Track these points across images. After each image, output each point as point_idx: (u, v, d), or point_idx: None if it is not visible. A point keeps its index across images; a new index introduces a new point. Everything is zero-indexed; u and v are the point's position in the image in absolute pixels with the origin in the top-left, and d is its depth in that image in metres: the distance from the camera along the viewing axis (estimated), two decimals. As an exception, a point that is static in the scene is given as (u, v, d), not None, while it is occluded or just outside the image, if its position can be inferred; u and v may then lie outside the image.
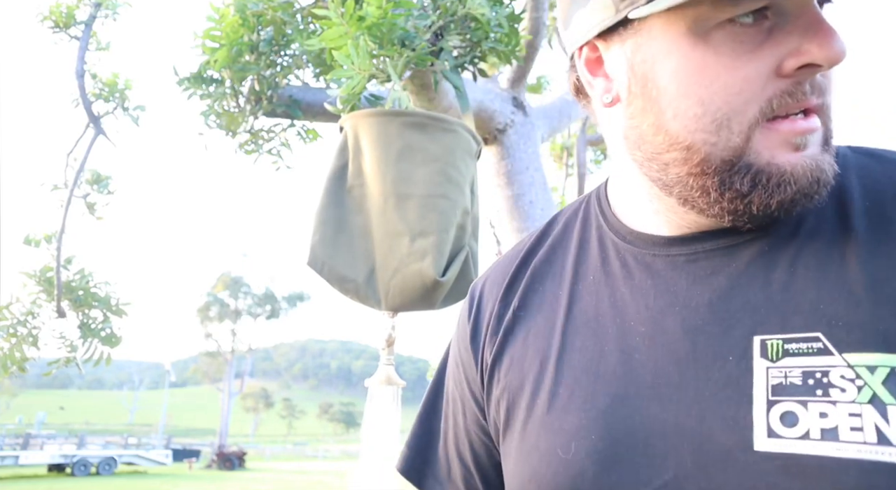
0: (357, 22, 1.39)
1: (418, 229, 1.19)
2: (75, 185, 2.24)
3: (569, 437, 0.57)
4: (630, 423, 0.54)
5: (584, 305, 0.63)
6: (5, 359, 2.01)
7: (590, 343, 0.60)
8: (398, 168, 1.21)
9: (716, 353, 0.52)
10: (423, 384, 14.14)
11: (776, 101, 0.50)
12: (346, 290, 1.22)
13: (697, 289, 0.56)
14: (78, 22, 2.17)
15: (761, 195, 0.52)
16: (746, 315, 0.52)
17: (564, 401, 0.59)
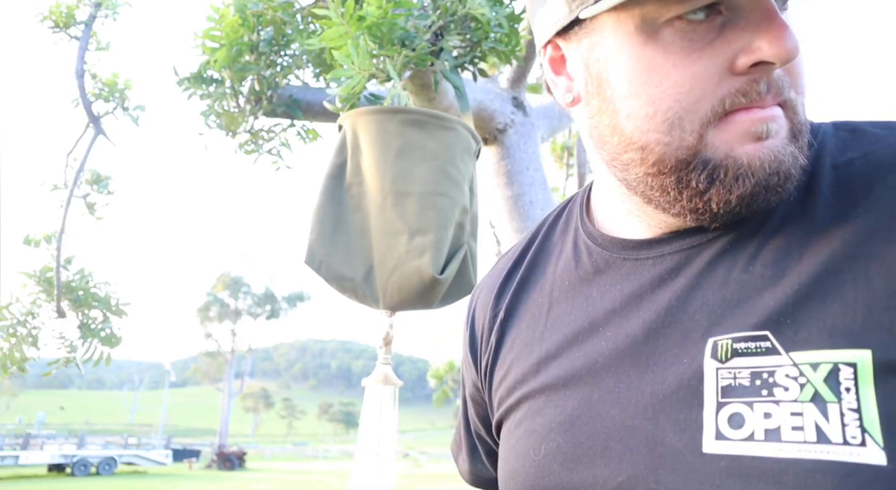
0: (357, 22, 1.39)
1: (417, 227, 1.19)
2: (75, 185, 2.24)
3: (539, 439, 0.59)
4: (592, 426, 0.55)
5: (560, 311, 0.64)
6: (5, 359, 2.01)
7: (563, 348, 0.61)
8: (397, 166, 1.21)
9: (672, 356, 0.53)
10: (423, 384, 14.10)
11: (729, 100, 0.49)
12: (343, 289, 1.22)
13: (660, 291, 0.56)
14: (78, 22, 2.17)
15: (720, 191, 0.51)
16: (702, 316, 0.53)
17: (540, 405, 0.61)
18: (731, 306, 0.51)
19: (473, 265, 1.30)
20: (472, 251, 1.30)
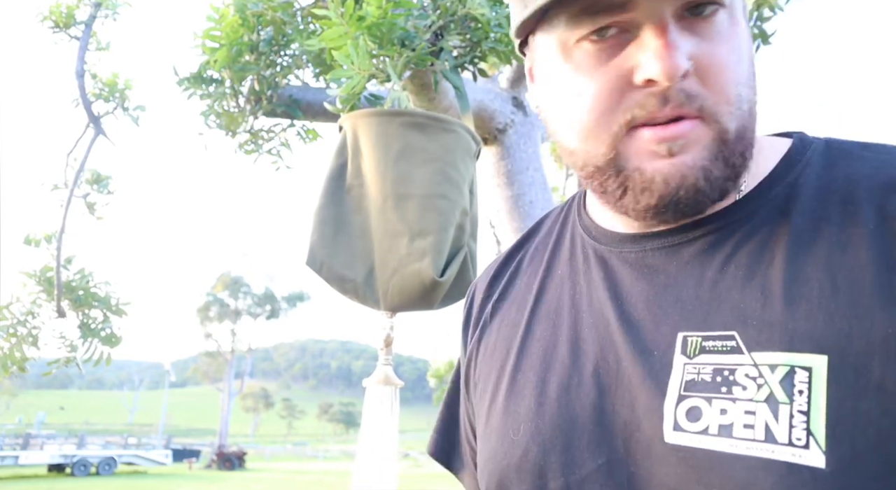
0: (357, 22, 1.39)
1: (417, 229, 1.19)
2: (75, 185, 2.24)
3: (520, 419, 0.61)
4: (572, 409, 0.58)
5: (549, 297, 0.67)
6: (5, 359, 2.01)
7: (548, 333, 0.64)
8: (397, 168, 1.21)
9: (646, 347, 0.55)
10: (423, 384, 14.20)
11: (630, 113, 0.52)
12: (344, 290, 1.22)
13: (639, 284, 0.59)
14: (78, 22, 2.17)
15: (630, 200, 0.55)
16: (675, 312, 0.55)
17: (521, 386, 0.63)
18: (704, 304, 0.54)
19: (473, 266, 1.30)
20: (473, 252, 1.30)
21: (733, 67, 0.52)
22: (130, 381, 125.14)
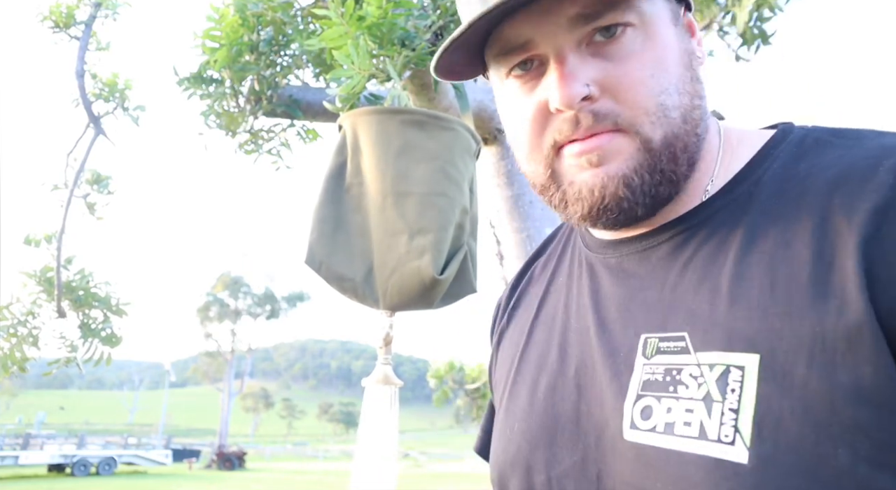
0: (357, 22, 1.39)
1: (417, 227, 1.19)
2: (75, 185, 2.24)
3: (515, 418, 0.66)
4: (556, 409, 0.61)
5: (550, 304, 0.71)
6: (6, 359, 2.01)
7: (544, 337, 0.68)
8: (397, 166, 1.21)
9: (615, 349, 0.58)
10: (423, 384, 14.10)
11: (552, 137, 0.58)
12: (343, 289, 1.22)
13: (615, 289, 0.62)
14: (78, 22, 2.17)
15: (570, 210, 0.59)
16: (640, 314, 0.58)
17: (518, 388, 0.68)
18: (664, 307, 0.56)
19: (473, 266, 1.30)
20: (472, 251, 1.30)
21: (647, 81, 0.55)
22: (130, 381, 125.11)
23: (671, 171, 0.56)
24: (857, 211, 0.49)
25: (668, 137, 0.55)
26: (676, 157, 0.56)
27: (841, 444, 0.43)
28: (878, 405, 0.43)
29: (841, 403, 0.44)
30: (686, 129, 0.56)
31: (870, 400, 0.44)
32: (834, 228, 0.49)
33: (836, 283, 0.47)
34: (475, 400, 5.30)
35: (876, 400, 0.43)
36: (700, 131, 0.58)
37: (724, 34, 2.38)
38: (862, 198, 0.49)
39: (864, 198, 0.49)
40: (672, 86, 0.56)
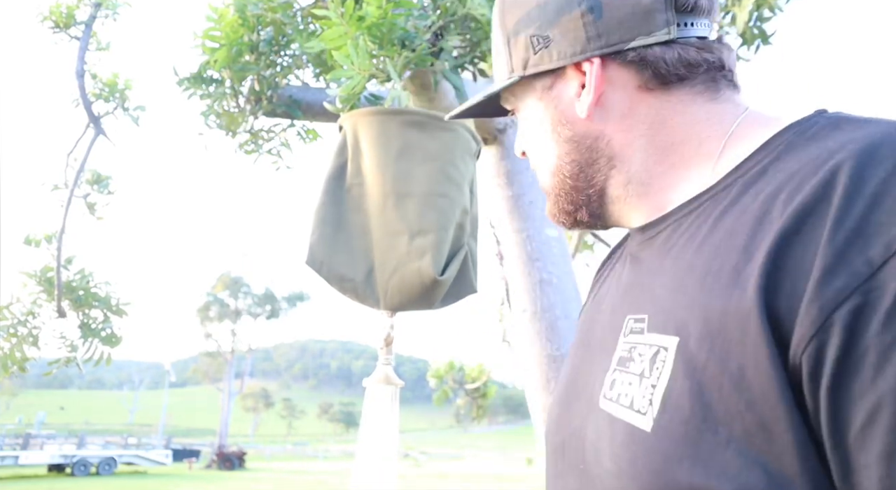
0: (357, 22, 1.39)
1: (417, 228, 1.19)
2: (75, 185, 2.24)
3: (558, 385, 0.77)
4: (576, 376, 0.71)
5: (604, 287, 0.79)
6: (6, 359, 2.01)
7: (591, 314, 0.77)
8: (397, 167, 1.21)
9: (614, 328, 0.66)
10: (423, 384, 14.00)
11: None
12: (344, 290, 1.22)
13: (627, 274, 0.70)
14: (78, 22, 2.17)
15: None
16: (631, 297, 0.66)
17: (567, 359, 0.78)
18: (644, 290, 0.64)
19: (474, 266, 1.30)
20: (473, 252, 1.30)
21: (526, 148, 0.77)
22: (130, 381, 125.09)
23: (574, 202, 0.72)
24: (790, 205, 0.51)
25: (553, 185, 0.74)
26: (569, 194, 0.72)
27: (721, 422, 0.49)
28: (753, 393, 0.48)
29: (727, 389, 0.49)
30: (563, 178, 0.72)
31: (748, 388, 0.48)
32: (770, 221, 0.52)
33: (745, 275, 0.51)
34: (475, 400, 5.30)
35: (752, 388, 0.48)
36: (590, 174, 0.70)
37: (724, 34, 2.39)
38: (799, 191, 0.51)
39: (801, 191, 0.51)
40: (539, 150, 0.74)
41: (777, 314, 0.48)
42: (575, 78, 0.68)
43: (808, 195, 0.50)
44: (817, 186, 0.50)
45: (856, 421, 0.44)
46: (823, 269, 0.46)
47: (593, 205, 0.72)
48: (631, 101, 0.67)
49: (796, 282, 0.47)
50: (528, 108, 0.73)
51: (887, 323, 0.43)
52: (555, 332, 2.00)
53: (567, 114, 0.70)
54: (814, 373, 0.46)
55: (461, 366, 5.40)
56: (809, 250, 0.47)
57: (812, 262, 0.47)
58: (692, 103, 0.67)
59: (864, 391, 0.43)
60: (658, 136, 0.67)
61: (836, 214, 0.47)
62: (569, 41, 0.66)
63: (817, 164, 0.52)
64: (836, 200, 0.48)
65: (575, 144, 0.70)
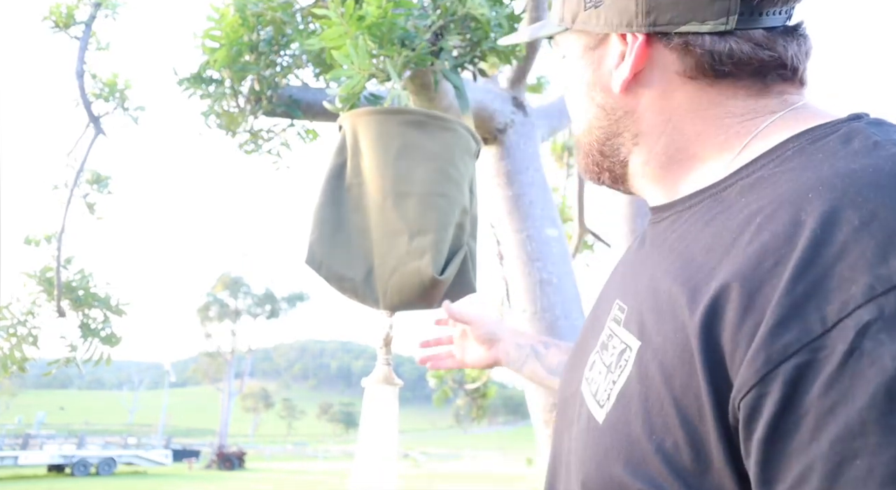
0: (357, 21, 1.39)
1: (417, 228, 1.19)
2: (75, 185, 2.24)
3: (573, 346, 0.81)
4: (580, 345, 0.75)
5: (624, 257, 0.80)
6: (5, 359, 2.01)
7: (606, 284, 0.79)
8: (397, 166, 1.21)
9: (607, 308, 0.68)
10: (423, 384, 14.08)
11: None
12: (344, 290, 1.22)
13: (631, 255, 0.73)
14: (78, 22, 2.17)
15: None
16: (625, 280, 0.68)
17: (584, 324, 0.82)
18: (632, 278, 0.66)
19: (473, 266, 1.30)
20: (473, 252, 1.30)
21: (565, 94, 0.76)
22: (130, 381, 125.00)
23: (599, 164, 0.72)
24: (757, 237, 0.50)
25: (581, 140, 0.74)
26: (595, 155, 0.72)
27: (656, 432, 0.52)
28: (689, 414, 0.50)
29: (667, 403, 0.52)
30: (590, 140, 0.72)
31: (685, 408, 0.50)
32: (736, 247, 0.51)
33: (699, 297, 0.51)
34: (475, 400, 5.30)
35: (689, 410, 0.50)
36: (616, 145, 0.70)
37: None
38: (770, 221, 0.50)
39: (771, 222, 0.49)
40: (577, 104, 0.72)
41: (719, 348, 0.48)
42: (617, 47, 0.65)
43: (777, 230, 0.48)
44: (788, 223, 0.48)
45: (786, 479, 0.43)
46: (777, 318, 0.45)
47: (616, 172, 0.72)
48: (669, 84, 0.65)
49: (744, 321, 0.47)
50: (571, 58, 0.71)
51: (829, 386, 0.42)
52: (555, 332, 2.00)
53: (603, 81, 0.68)
54: (749, 420, 0.46)
55: (461, 366, 5.38)
56: (764, 293, 0.46)
57: (765, 307, 0.46)
58: (732, 97, 0.63)
59: (797, 452, 0.43)
60: (687, 125, 0.65)
61: (798, 263, 0.45)
62: (618, 9, 0.63)
63: (799, 193, 0.49)
64: (801, 244, 0.46)
65: (605, 112, 0.69)
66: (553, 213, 2.21)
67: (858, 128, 0.54)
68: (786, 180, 0.53)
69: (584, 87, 0.70)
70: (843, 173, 0.48)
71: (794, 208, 0.49)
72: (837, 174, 0.49)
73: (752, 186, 0.56)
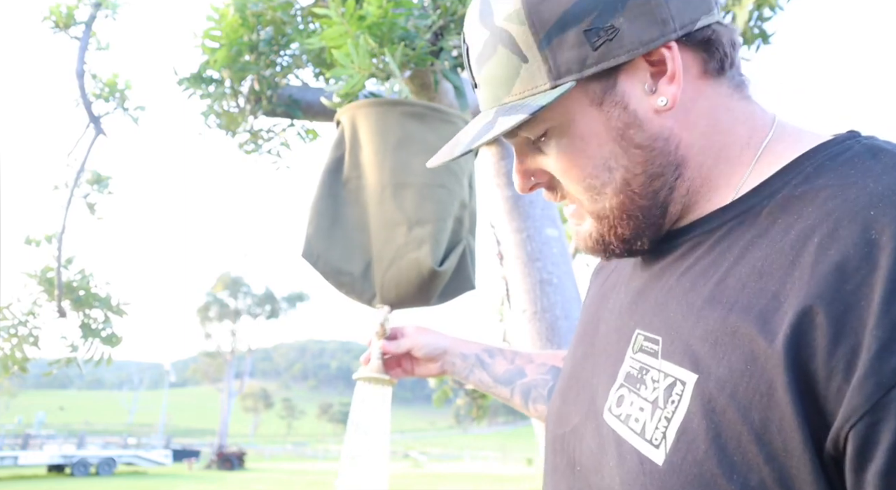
0: (357, 21, 1.39)
1: (415, 218, 1.18)
2: (75, 185, 2.24)
3: (561, 376, 0.78)
4: (579, 375, 0.71)
5: (609, 280, 0.78)
6: (6, 359, 2.01)
7: (594, 310, 0.76)
8: (396, 157, 1.21)
9: (620, 337, 0.65)
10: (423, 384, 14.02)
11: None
12: (341, 284, 1.21)
13: (637, 281, 0.68)
14: (78, 22, 2.17)
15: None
16: (641, 311, 0.63)
17: (571, 351, 0.78)
18: (656, 308, 0.61)
19: (472, 262, 1.30)
20: (471, 248, 1.30)
21: (571, 172, 0.63)
22: (130, 381, 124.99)
23: (637, 227, 0.63)
24: (824, 256, 0.47)
25: (613, 207, 0.63)
26: (634, 217, 0.63)
27: (737, 471, 0.48)
28: (775, 448, 0.46)
29: (746, 438, 0.48)
30: (631, 195, 0.62)
31: (770, 442, 0.47)
32: (800, 268, 0.49)
33: (772, 326, 0.48)
34: (475, 400, 5.30)
35: (775, 443, 0.46)
36: (654, 190, 0.61)
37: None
38: (834, 242, 0.48)
39: (836, 243, 0.47)
40: (597, 168, 0.61)
41: (811, 376, 0.45)
42: (645, 69, 0.59)
43: (848, 249, 0.46)
44: (859, 242, 0.46)
45: None
46: (881, 342, 0.42)
47: (655, 226, 0.63)
48: (693, 91, 0.60)
49: (837, 347, 0.44)
50: (575, 121, 0.60)
51: None
52: (555, 332, 2.00)
53: (639, 113, 0.59)
54: (863, 451, 0.43)
55: (461, 366, 5.38)
56: (855, 316, 0.44)
57: (860, 331, 0.43)
58: (731, 98, 0.61)
59: None
60: (714, 136, 0.61)
61: (887, 283, 0.43)
62: (642, 26, 0.56)
63: (855, 210, 0.48)
64: (884, 263, 0.44)
65: (646, 151, 0.60)
66: (553, 213, 2.21)
67: (876, 143, 0.54)
68: (827, 197, 0.51)
69: (614, 134, 0.60)
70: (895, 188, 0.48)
71: (859, 226, 0.47)
72: (891, 189, 0.48)
73: (783, 207, 0.54)
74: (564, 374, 0.76)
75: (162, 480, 22.65)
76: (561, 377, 0.77)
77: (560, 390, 0.75)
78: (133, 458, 27.61)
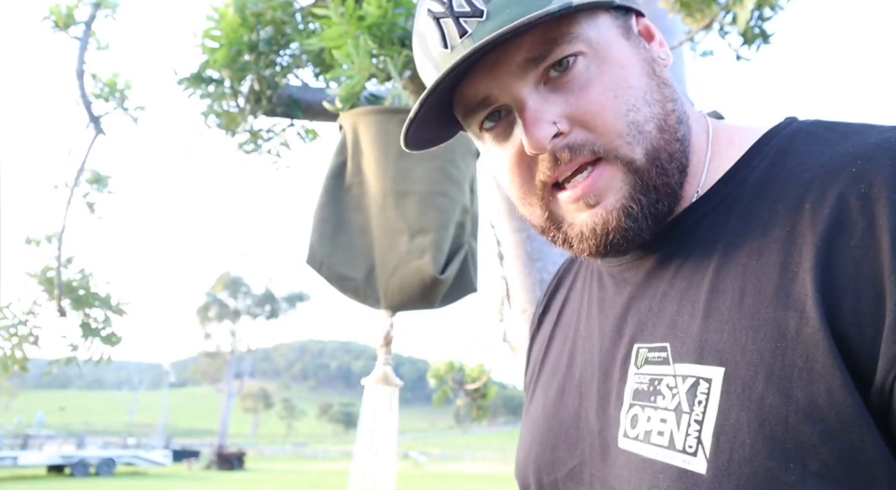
0: (357, 21, 1.39)
1: (417, 227, 1.19)
2: (76, 184, 2.24)
3: (531, 421, 0.70)
4: (562, 414, 0.64)
5: (568, 309, 0.73)
6: (6, 359, 2.01)
7: (560, 343, 0.71)
8: (398, 165, 1.21)
9: (613, 357, 0.60)
10: (423, 384, 14.02)
11: (540, 178, 0.57)
12: (345, 289, 1.22)
13: (616, 298, 0.63)
14: (78, 22, 2.17)
15: (577, 247, 0.59)
16: (634, 325, 0.59)
17: (537, 392, 0.71)
18: (653, 317, 0.57)
19: (474, 265, 1.30)
20: (473, 251, 1.30)
21: (611, 104, 0.54)
22: (130, 381, 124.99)
23: (664, 185, 0.56)
24: (819, 218, 0.47)
25: (649, 152, 0.55)
26: (665, 169, 0.56)
27: (793, 458, 0.44)
28: (830, 423, 0.43)
29: (794, 420, 0.44)
30: (666, 138, 0.56)
31: (823, 418, 0.43)
32: (801, 235, 0.48)
33: (796, 296, 0.46)
34: (475, 400, 5.29)
35: (828, 418, 0.43)
36: (682, 135, 0.57)
37: (724, 34, 2.38)
38: (825, 203, 0.48)
39: (827, 203, 0.48)
40: (639, 100, 0.55)
41: (845, 337, 0.44)
42: (642, 24, 0.61)
43: (842, 206, 0.47)
44: (851, 197, 0.46)
45: None
46: None
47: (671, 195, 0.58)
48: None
49: (861, 300, 0.44)
50: (612, 48, 0.56)
51: None
52: (555, 332, 2.00)
53: (659, 58, 0.59)
54: None
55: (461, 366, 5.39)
56: (865, 265, 0.44)
57: (878, 281, 0.43)
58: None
59: None
60: (689, 120, 0.60)
61: (892, 230, 0.43)
62: None
63: (836, 170, 0.49)
64: (882, 212, 0.44)
65: (672, 90, 0.58)
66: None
67: (822, 122, 0.56)
68: (803, 170, 0.51)
69: (646, 67, 0.57)
70: (872, 146, 0.48)
71: (846, 182, 0.47)
72: (861, 148, 0.49)
73: (759, 189, 0.54)
74: (536, 420, 0.68)
75: (162, 481, 22.64)
76: (530, 424, 0.69)
77: (535, 437, 0.67)
78: (133, 459, 27.59)
